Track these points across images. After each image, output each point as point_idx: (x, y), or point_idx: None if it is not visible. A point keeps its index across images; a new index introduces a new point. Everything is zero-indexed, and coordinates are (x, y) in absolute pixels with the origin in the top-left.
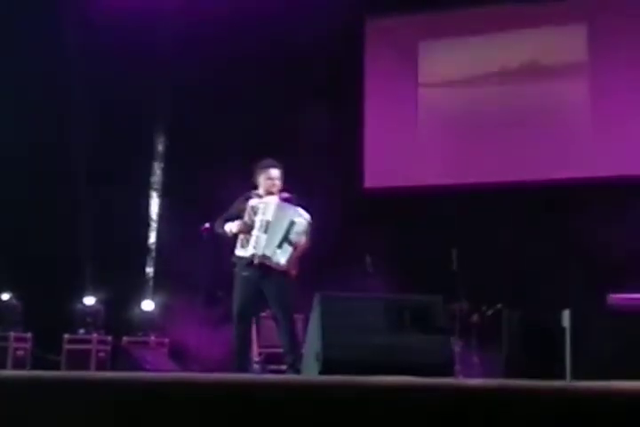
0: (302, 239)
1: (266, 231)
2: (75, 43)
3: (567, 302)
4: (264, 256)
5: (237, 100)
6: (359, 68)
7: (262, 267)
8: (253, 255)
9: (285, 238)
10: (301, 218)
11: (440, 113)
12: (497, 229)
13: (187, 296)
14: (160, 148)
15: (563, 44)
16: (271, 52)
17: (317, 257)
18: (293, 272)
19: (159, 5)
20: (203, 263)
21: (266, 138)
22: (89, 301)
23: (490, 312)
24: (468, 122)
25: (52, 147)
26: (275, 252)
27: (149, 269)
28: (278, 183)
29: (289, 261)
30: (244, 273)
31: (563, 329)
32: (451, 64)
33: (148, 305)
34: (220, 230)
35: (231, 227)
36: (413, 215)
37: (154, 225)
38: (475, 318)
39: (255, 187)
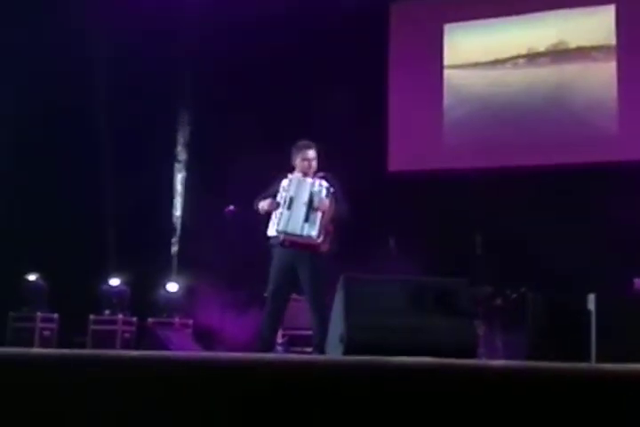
0: (325, 203)
1: (289, 207)
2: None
3: (593, 285)
4: (291, 234)
5: (265, 83)
6: (384, 51)
7: (294, 245)
8: (279, 232)
9: (309, 210)
10: (320, 187)
11: (466, 95)
12: (521, 213)
13: (211, 278)
14: (185, 128)
15: (590, 25)
16: (298, 36)
17: (341, 238)
18: (325, 248)
19: None
20: (227, 245)
21: (292, 121)
22: (114, 282)
23: (514, 296)
24: (494, 104)
25: (75, 130)
26: (302, 226)
27: (174, 251)
28: (314, 164)
29: (320, 231)
30: (278, 253)
31: (588, 313)
32: (477, 46)
33: (172, 287)
34: (255, 208)
35: (263, 204)
36: (438, 199)
37: (179, 207)
38: (499, 301)
39: (293, 168)
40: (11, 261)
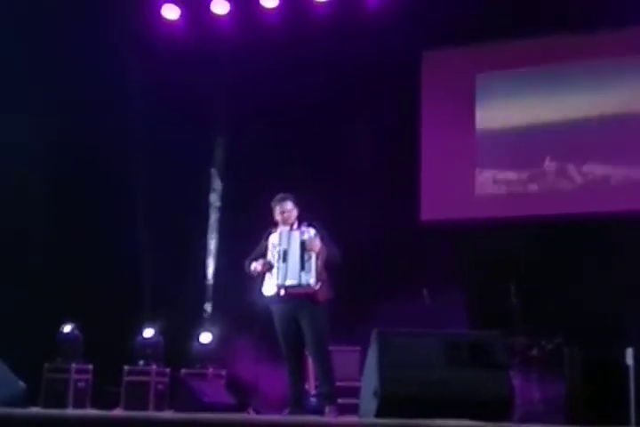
0: (317, 243)
1: (285, 260)
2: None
3: (631, 338)
4: (290, 286)
5: (297, 130)
6: (418, 99)
7: (292, 297)
8: (279, 287)
9: (303, 258)
10: (308, 234)
11: (499, 144)
12: (556, 262)
13: (245, 329)
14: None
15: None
16: (332, 84)
17: (375, 288)
18: (323, 297)
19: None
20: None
21: (325, 171)
22: (149, 332)
23: (550, 346)
24: (525, 154)
25: (111, 180)
26: (300, 275)
27: (208, 302)
28: (293, 214)
29: (317, 277)
30: (278, 309)
31: (626, 367)
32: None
33: (206, 337)
34: (247, 270)
35: (255, 266)
36: (471, 248)
37: (212, 257)
38: (534, 352)
39: (276, 224)
40: (46, 311)
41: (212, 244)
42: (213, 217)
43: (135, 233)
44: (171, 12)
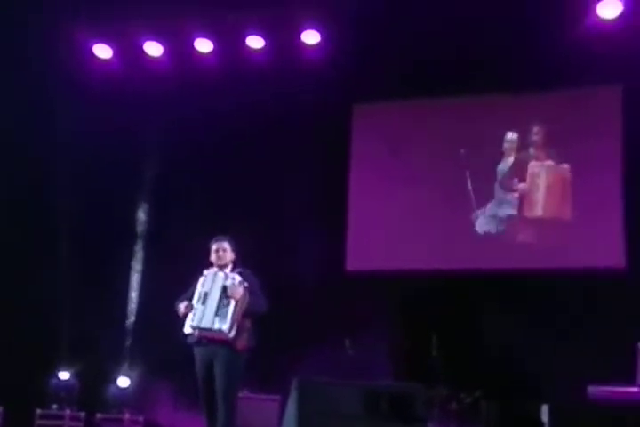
0: (238, 291)
1: (204, 303)
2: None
3: (548, 392)
4: (204, 329)
5: (223, 172)
6: (347, 150)
7: (209, 342)
8: (193, 328)
9: (220, 304)
10: (232, 280)
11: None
12: (478, 316)
13: (164, 374)
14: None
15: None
16: (260, 135)
17: (298, 337)
18: (242, 345)
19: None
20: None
21: (254, 216)
22: (64, 375)
23: (468, 400)
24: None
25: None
26: (213, 320)
27: (127, 345)
28: (223, 255)
29: (232, 325)
30: (198, 353)
31: (541, 424)
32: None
33: (124, 381)
34: (176, 309)
35: (180, 307)
36: (395, 300)
37: (133, 300)
38: (453, 404)
39: (212, 264)
40: None
41: (134, 284)
42: (138, 254)
43: (54, 271)
44: (103, 52)
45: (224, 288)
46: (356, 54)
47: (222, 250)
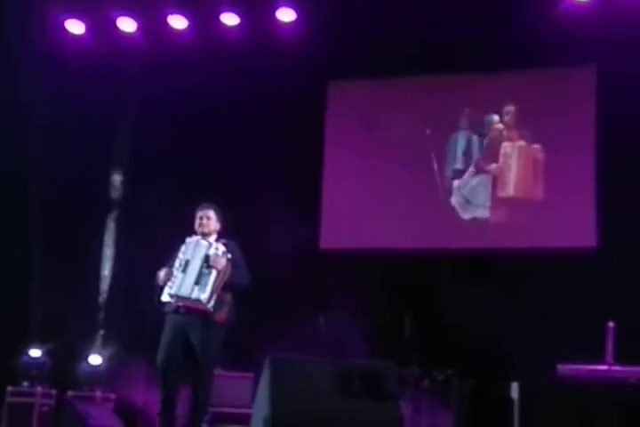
0: (221, 261)
1: (184, 270)
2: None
3: (517, 370)
4: (182, 297)
5: (197, 149)
6: (321, 128)
7: (187, 312)
8: (171, 296)
9: (201, 273)
10: (216, 250)
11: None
12: (450, 295)
13: (137, 352)
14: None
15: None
16: (234, 111)
17: (272, 314)
18: (221, 318)
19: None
20: (154, 318)
21: (230, 189)
22: (35, 353)
23: (440, 378)
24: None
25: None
26: (193, 289)
27: (99, 323)
28: (208, 222)
29: (211, 295)
30: (170, 320)
31: (511, 401)
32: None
33: (95, 359)
34: (156, 279)
35: (160, 275)
36: (368, 278)
37: (106, 277)
38: (425, 383)
39: (195, 232)
40: None
41: (107, 260)
42: (110, 229)
43: (25, 248)
44: (75, 27)
45: (206, 257)
46: (331, 32)
47: (206, 218)
